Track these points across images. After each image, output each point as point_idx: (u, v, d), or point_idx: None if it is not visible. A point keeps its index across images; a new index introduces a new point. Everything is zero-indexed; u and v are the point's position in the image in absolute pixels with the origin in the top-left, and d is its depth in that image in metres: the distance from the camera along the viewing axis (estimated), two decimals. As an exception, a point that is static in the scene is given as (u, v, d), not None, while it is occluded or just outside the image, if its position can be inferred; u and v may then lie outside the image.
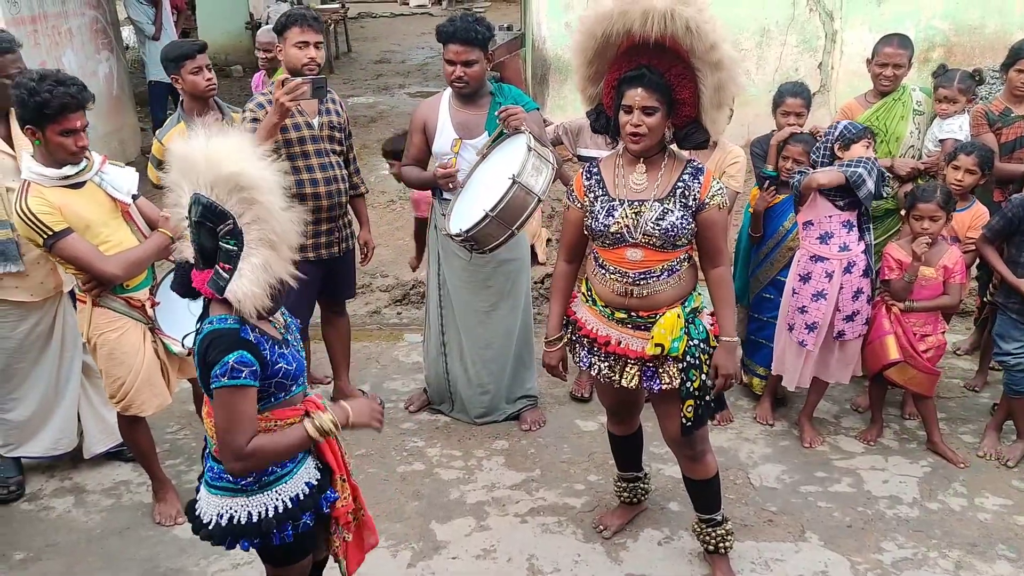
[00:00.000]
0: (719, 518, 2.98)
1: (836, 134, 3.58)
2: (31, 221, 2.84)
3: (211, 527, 2.16)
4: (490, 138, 3.53)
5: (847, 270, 3.58)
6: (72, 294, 3.42)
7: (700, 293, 2.79)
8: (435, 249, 3.87)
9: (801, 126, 3.87)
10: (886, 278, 3.66)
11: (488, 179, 3.39)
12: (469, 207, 3.37)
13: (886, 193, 3.72)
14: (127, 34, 10.20)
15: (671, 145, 2.73)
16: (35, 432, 3.51)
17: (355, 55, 13.60)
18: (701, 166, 2.69)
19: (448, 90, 3.66)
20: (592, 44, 2.62)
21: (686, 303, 2.71)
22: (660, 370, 2.72)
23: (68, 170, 2.91)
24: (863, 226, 3.62)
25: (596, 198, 2.71)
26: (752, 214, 3.94)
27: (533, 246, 5.05)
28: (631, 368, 2.75)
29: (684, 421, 2.73)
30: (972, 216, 3.82)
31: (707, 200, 2.63)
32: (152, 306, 3.13)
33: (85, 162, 2.96)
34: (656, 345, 2.64)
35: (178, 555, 3.14)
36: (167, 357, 3.20)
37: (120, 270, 2.95)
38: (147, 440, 3.30)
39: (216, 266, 1.99)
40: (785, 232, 3.86)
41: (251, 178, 1.92)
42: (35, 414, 3.48)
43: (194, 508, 2.24)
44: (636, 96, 2.54)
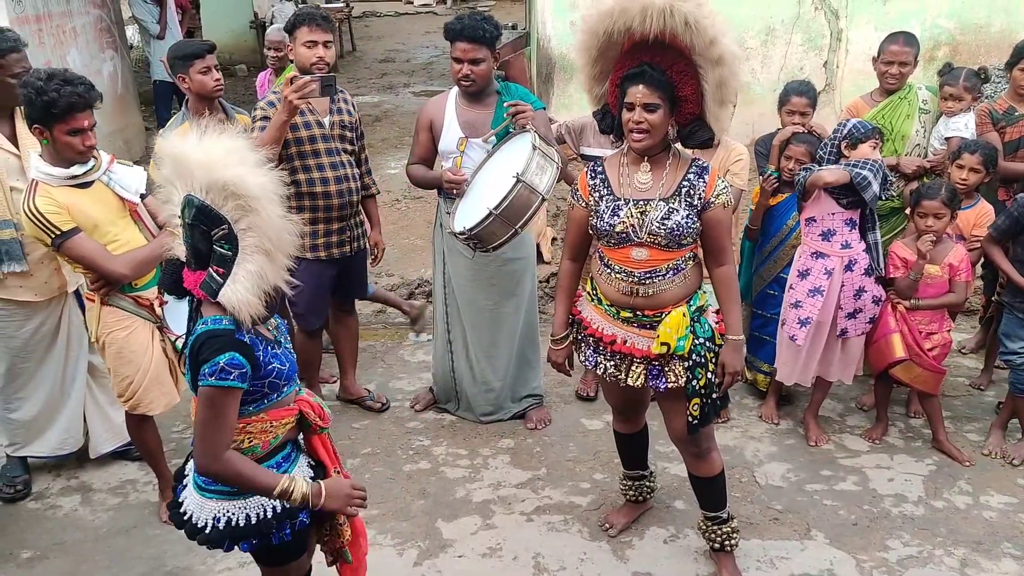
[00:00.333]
0: (725, 516, 2.98)
1: (845, 132, 3.56)
2: (39, 221, 2.85)
3: (208, 531, 2.12)
4: (494, 131, 3.53)
5: (848, 268, 3.58)
6: (78, 294, 3.43)
7: (705, 291, 2.80)
8: (440, 247, 3.87)
9: (804, 126, 3.87)
10: (891, 276, 3.66)
11: (492, 178, 3.39)
12: (473, 205, 3.37)
13: (887, 196, 3.72)
14: (131, 33, 10.22)
15: (675, 144, 2.73)
16: (41, 432, 3.52)
17: (360, 54, 13.62)
18: (706, 165, 2.69)
19: (455, 89, 3.66)
20: (595, 43, 2.63)
21: (691, 302, 2.71)
22: (666, 369, 2.72)
23: (76, 169, 2.91)
24: (868, 225, 3.62)
25: (601, 197, 2.71)
26: (755, 206, 3.93)
27: (538, 245, 5.04)
28: (637, 367, 2.75)
29: (690, 419, 2.74)
30: (977, 214, 3.82)
31: (712, 199, 2.63)
32: (160, 305, 3.14)
33: (93, 161, 2.96)
34: (662, 344, 2.64)
35: (185, 554, 3.15)
36: (175, 356, 3.20)
37: (128, 269, 2.96)
38: (155, 439, 3.31)
39: (210, 268, 1.96)
40: (788, 230, 3.86)
41: (248, 186, 1.88)
42: (41, 414, 3.49)
43: (180, 512, 2.18)
44: (637, 93, 2.54)
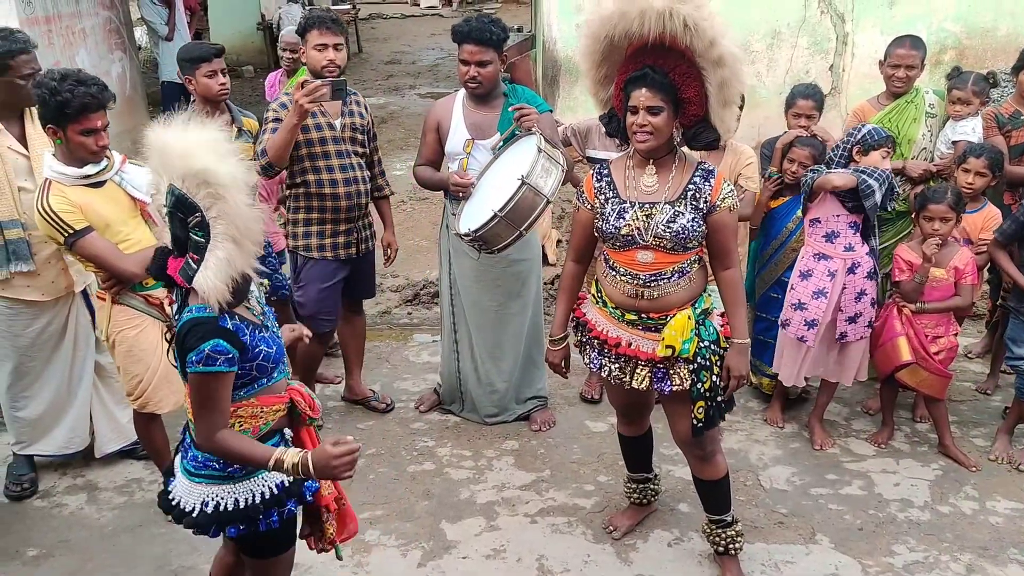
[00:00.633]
0: (729, 519, 2.98)
1: (859, 136, 3.54)
2: (52, 219, 2.87)
3: (196, 515, 2.17)
4: (501, 136, 3.54)
5: (851, 271, 3.57)
6: (85, 294, 3.45)
7: (710, 294, 2.80)
8: (446, 248, 3.88)
9: (809, 129, 3.86)
10: (897, 280, 3.65)
11: (498, 180, 3.40)
12: (479, 207, 3.38)
13: (891, 208, 3.71)
14: (140, 34, 10.26)
15: (682, 148, 2.73)
16: (47, 430, 3.53)
17: (366, 56, 13.64)
18: (712, 168, 2.70)
19: (462, 91, 3.67)
20: (597, 47, 2.64)
21: (696, 305, 2.71)
22: (671, 371, 2.72)
23: (89, 169, 2.94)
24: (869, 231, 3.61)
25: (607, 200, 2.72)
26: (756, 204, 3.90)
27: (543, 247, 5.04)
28: (641, 369, 2.76)
29: (695, 422, 2.74)
30: (984, 218, 3.81)
31: (718, 202, 2.63)
32: (170, 304, 3.15)
33: (106, 161, 2.99)
34: (667, 347, 2.65)
35: (190, 553, 3.15)
36: None
37: (139, 268, 2.96)
38: (162, 438, 3.33)
39: (187, 255, 2.05)
40: (789, 233, 3.86)
41: (218, 175, 1.96)
42: (47, 412, 3.50)
43: (168, 498, 2.27)
44: (641, 96, 2.55)
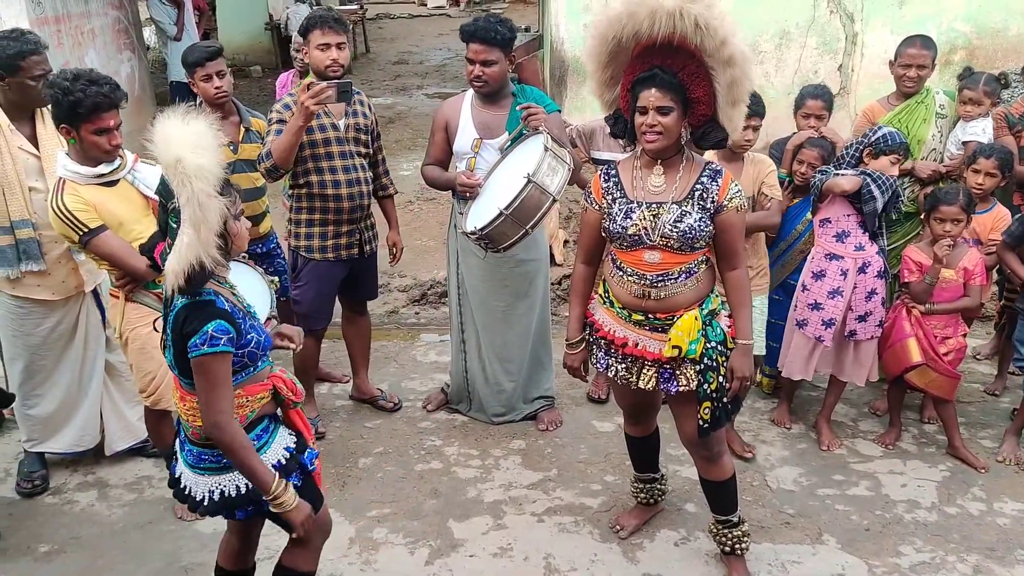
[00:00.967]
0: (736, 519, 2.98)
1: (873, 138, 3.52)
2: (67, 218, 2.90)
3: (206, 504, 2.30)
4: (509, 136, 3.55)
5: (861, 270, 3.57)
6: (96, 293, 3.47)
7: (718, 295, 2.80)
8: (454, 248, 3.89)
9: (818, 130, 3.86)
10: (906, 281, 3.65)
11: (504, 178, 3.41)
12: (485, 206, 3.39)
13: (896, 216, 3.71)
14: (148, 34, 10.31)
15: (694, 151, 2.73)
16: (59, 428, 3.56)
17: (373, 56, 13.68)
18: (720, 168, 2.69)
19: (471, 90, 3.68)
20: (604, 48, 2.63)
21: (703, 305, 2.71)
22: (677, 372, 2.72)
23: (103, 168, 2.97)
24: (877, 231, 3.61)
25: (614, 200, 2.72)
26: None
27: (550, 247, 5.04)
28: (648, 370, 2.76)
29: (701, 423, 2.73)
30: (994, 218, 3.80)
31: (725, 202, 2.63)
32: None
33: (119, 160, 3.02)
34: (673, 347, 2.65)
35: (199, 550, 3.18)
36: None
37: (149, 265, 3.00)
38: (172, 435, 3.31)
39: (167, 240, 2.16)
40: (798, 235, 3.85)
41: (185, 163, 2.03)
42: (58, 410, 3.52)
43: (181, 487, 2.36)
44: (650, 97, 2.54)
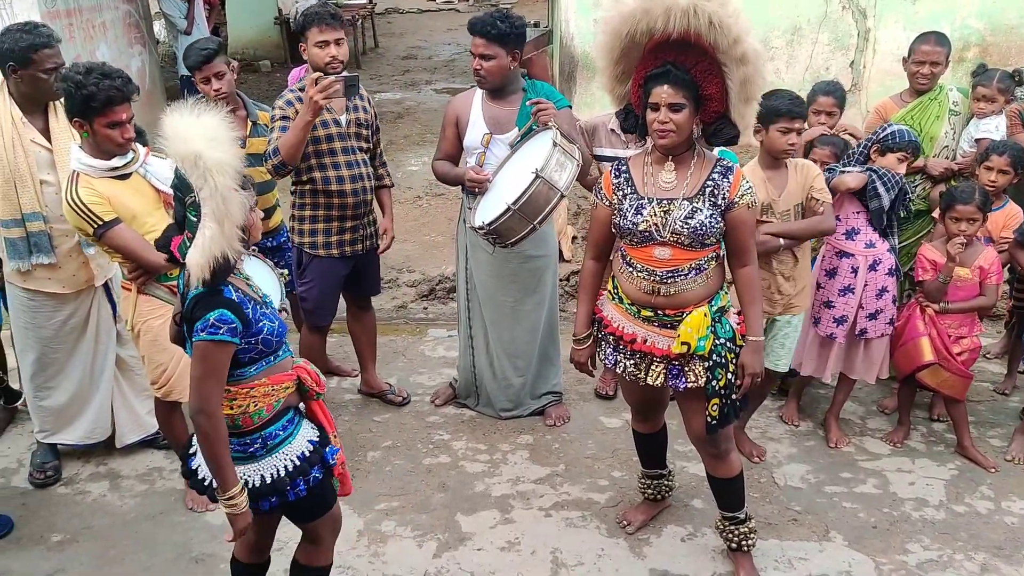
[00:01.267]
0: (742, 516, 2.98)
1: (883, 135, 3.52)
2: (82, 210, 2.92)
3: None
4: (519, 131, 3.55)
5: (872, 267, 3.56)
6: (107, 287, 3.50)
7: (727, 292, 2.80)
8: (463, 244, 3.90)
9: (831, 126, 3.85)
10: (920, 279, 3.63)
11: (513, 174, 3.41)
12: (493, 201, 3.40)
13: (904, 214, 3.69)
14: (159, 28, 10.34)
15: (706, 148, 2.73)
16: (71, 420, 3.59)
17: (382, 50, 13.67)
18: (731, 165, 2.69)
19: None
20: (617, 44, 2.63)
21: (713, 302, 2.71)
22: (686, 368, 2.72)
23: (116, 161, 2.99)
24: (888, 228, 3.59)
25: (625, 196, 2.72)
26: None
27: (559, 243, 5.04)
28: (657, 366, 2.76)
29: (709, 420, 2.74)
30: (1006, 216, 3.78)
31: (736, 199, 2.63)
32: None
33: (132, 154, 3.04)
34: (682, 343, 2.65)
35: (210, 541, 3.20)
36: None
37: (164, 259, 3.01)
38: (182, 427, 3.35)
39: (185, 233, 2.19)
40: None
41: (206, 158, 2.05)
42: (70, 403, 3.55)
43: (199, 479, 2.37)
44: (663, 93, 2.54)
